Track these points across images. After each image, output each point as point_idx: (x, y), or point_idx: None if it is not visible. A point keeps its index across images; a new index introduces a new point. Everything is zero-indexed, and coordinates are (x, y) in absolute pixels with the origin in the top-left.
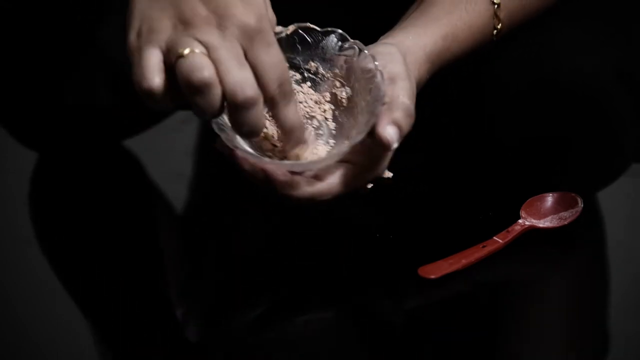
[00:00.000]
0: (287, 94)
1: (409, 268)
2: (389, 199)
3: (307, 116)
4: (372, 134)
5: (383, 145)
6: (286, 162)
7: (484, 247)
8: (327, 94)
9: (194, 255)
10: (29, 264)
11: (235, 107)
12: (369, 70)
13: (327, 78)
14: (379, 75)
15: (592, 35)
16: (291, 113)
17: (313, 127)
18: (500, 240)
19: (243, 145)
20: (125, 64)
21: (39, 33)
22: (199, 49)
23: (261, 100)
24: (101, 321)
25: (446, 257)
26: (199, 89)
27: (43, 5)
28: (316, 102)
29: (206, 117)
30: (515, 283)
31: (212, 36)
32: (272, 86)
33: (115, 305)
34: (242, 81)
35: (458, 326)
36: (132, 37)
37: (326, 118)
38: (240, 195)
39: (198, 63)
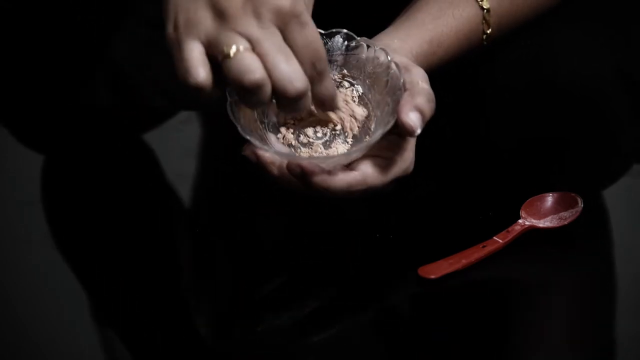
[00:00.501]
0: (321, 72)
1: (409, 268)
2: (389, 199)
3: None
4: (396, 123)
5: (406, 132)
6: (319, 155)
7: (484, 247)
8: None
9: (194, 255)
10: (29, 265)
11: (286, 99)
12: (382, 64)
13: (335, 80)
14: (393, 66)
15: (592, 36)
16: (325, 89)
17: (328, 128)
18: (500, 240)
19: (273, 146)
20: (126, 65)
21: (40, 35)
22: (243, 46)
23: (309, 88)
24: (102, 322)
25: (446, 257)
26: (252, 90)
27: (45, 7)
28: None
29: (255, 108)
30: (515, 283)
31: (252, 27)
32: (306, 66)
33: (114, 307)
34: (292, 75)
35: (458, 326)
36: (170, 29)
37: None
38: (240, 196)
39: (248, 64)
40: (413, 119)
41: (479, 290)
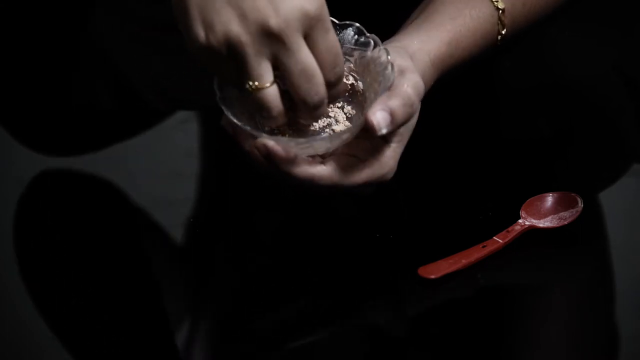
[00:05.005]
0: (339, 77)
1: (409, 268)
2: (389, 199)
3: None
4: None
5: (370, 129)
6: (286, 138)
7: (484, 247)
8: None
9: (193, 256)
10: (29, 263)
11: (306, 109)
12: (381, 63)
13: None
14: (389, 67)
15: (594, 36)
16: (337, 92)
17: (326, 124)
18: (500, 240)
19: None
20: (126, 65)
21: (39, 35)
22: (265, 80)
23: (327, 96)
24: (99, 321)
25: (446, 257)
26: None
27: (48, 10)
28: None
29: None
30: (515, 283)
31: (279, 48)
32: (328, 69)
33: (113, 305)
34: (312, 92)
35: (458, 326)
36: (200, 33)
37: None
38: (240, 196)
39: (268, 102)
40: (378, 118)
41: (479, 290)
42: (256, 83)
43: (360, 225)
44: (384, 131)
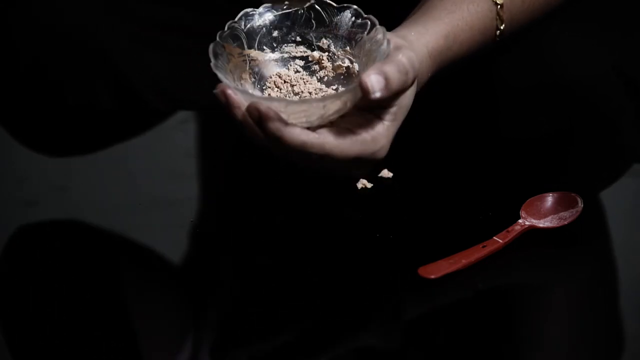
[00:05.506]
0: None
1: (409, 268)
2: (389, 199)
3: (318, 94)
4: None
5: (363, 92)
6: (278, 98)
7: (484, 247)
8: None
9: (193, 256)
10: (28, 262)
11: None
12: (377, 41)
13: (338, 56)
14: (385, 43)
15: (594, 36)
16: None
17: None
18: (500, 240)
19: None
20: (126, 65)
21: (40, 35)
22: None
23: None
24: (97, 325)
25: (446, 257)
26: None
27: (49, 9)
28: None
29: None
30: (515, 283)
31: None
32: None
33: (112, 309)
34: None
35: (458, 326)
36: None
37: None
38: (240, 195)
39: None
40: (372, 80)
41: (479, 290)
42: None
43: (360, 225)
44: (377, 94)
